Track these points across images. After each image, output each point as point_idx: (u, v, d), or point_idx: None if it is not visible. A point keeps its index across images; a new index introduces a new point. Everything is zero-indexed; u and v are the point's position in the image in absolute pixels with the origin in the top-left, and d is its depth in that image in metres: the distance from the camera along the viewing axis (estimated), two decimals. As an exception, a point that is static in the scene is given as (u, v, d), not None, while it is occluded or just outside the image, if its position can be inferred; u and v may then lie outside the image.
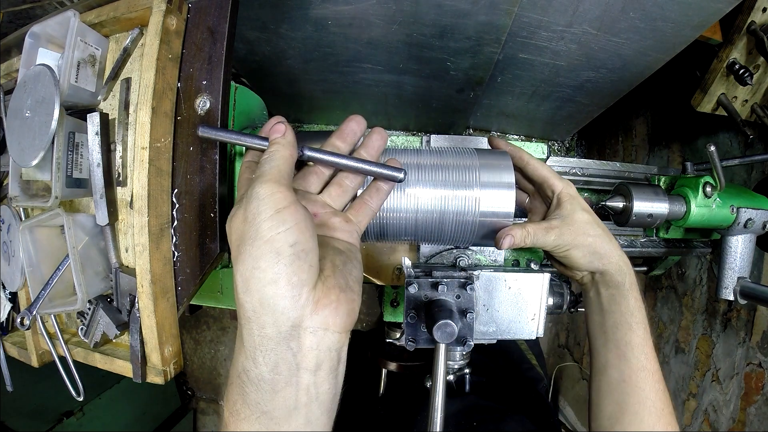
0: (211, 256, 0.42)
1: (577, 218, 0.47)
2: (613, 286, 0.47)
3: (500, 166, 0.46)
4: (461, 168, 0.46)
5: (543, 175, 0.49)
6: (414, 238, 0.48)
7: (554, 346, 2.06)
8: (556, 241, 0.46)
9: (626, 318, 0.46)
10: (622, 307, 0.47)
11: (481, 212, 0.45)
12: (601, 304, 0.49)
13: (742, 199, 0.66)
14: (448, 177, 0.45)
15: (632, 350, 0.46)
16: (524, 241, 0.46)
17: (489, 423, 0.67)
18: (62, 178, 0.42)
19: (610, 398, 0.47)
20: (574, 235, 0.46)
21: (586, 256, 0.47)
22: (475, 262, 0.58)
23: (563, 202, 0.48)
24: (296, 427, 0.29)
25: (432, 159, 0.46)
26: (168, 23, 0.40)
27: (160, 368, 0.40)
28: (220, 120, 0.41)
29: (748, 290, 0.67)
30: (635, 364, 0.46)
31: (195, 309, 0.83)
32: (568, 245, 0.46)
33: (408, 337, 0.46)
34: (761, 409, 0.96)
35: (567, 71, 0.66)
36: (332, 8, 0.52)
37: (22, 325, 0.45)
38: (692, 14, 0.51)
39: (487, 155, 0.47)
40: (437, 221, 0.46)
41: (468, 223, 0.46)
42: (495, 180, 0.45)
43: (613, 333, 0.47)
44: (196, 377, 2.73)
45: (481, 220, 0.46)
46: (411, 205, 0.45)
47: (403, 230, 0.47)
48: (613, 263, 0.47)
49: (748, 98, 0.78)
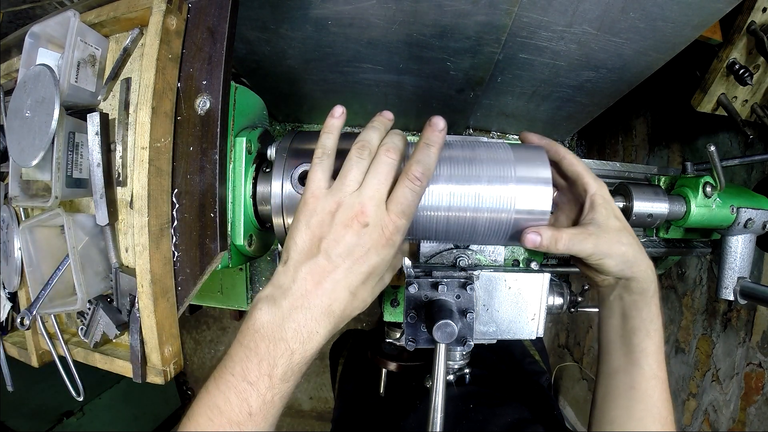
0: (211, 256, 0.42)
1: (611, 225, 0.45)
2: (638, 292, 0.46)
3: (536, 160, 0.44)
4: (495, 162, 0.43)
5: (578, 172, 0.47)
6: (444, 238, 0.46)
7: (554, 346, 2.06)
8: (592, 249, 0.44)
9: (645, 324, 0.46)
10: (644, 314, 0.46)
11: (516, 210, 0.43)
12: (622, 309, 0.48)
13: (742, 199, 0.66)
14: (482, 172, 0.42)
15: (646, 357, 0.46)
16: (556, 245, 0.43)
17: (484, 407, 0.67)
18: (62, 178, 0.42)
19: (616, 403, 0.47)
20: (609, 244, 0.44)
21: (618, 264, 0.45)
22: (475, 262, 0.58)
23: (597, 206, 0.46)
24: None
25: (464, 152, 0.44)
26: (168, 23, 0.40)
27: (160, 368, 0.40)
28: (220, 120, 0.41)
29: (748, 290, 0.67)
30: (648, 372, 0.46)
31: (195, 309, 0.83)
32: (604, 254, 0.44)
33: (408, 337, 0.46)
34: (761, 409, 0.96)
35: (567, 71, 0.66)
36: (332, 8, 0.52)
37: (22, 325, 0.45)
38: (692, 14, 0.51)
39: (520, 149, 0.45)
40: (470, 221, 0.43)
41: (502, 222, 0.43)
42: (531, 175, 0.43)
43: (630, 338, 0.47)
44: (196, 377, 2.73)
45: (516, 218, 0.43)
46: (443, 202, 0.42)
47: (432, 230, 0.44)
48: (642, 270, 0.45)
49: (748, 98, 0.78)
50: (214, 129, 0.42)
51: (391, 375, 0.82)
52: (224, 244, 0.42)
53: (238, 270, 0.69)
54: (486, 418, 0.65)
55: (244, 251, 0.50)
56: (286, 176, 0.47)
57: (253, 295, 0.71)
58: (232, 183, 0.47)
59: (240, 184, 0.48)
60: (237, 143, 0.47)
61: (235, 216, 0.48)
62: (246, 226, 0.49)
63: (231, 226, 0.47)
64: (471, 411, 0.67)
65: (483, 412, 0.66)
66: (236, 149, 0.47)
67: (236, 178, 0.48)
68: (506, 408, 0.66)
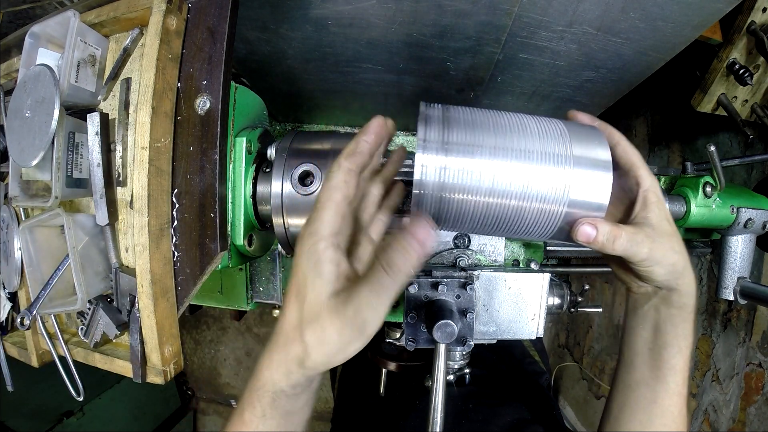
0: (211, 256, 0.42)
1: (664, 229, 0.40)
2: (678, 306, 0.42)
3: (594, 140, 0.35)
4: (547, 136, 0.34)
5: (632, 162, 0.41)
6: (480, 229, 0.37)
7: (554, 346, 2.06)
8: (647, 254, 0.38)
9: (678, 341, 0.43)
10: (679, 330, 0.43)
11: (569, 201, 0.34)
12: (656, 322, 0.44)
13: (742, 199, 0.66)
14: (533, 146, 0.34)
15: (674, 374, 0.43)
16: (613, 245, 0.37)
17: (484, 407, 0.67)
18: (62, 178, 0.42)
19: (634, 416, 0.46)
20: (663, 251, 0.39)
21: (666, 274, 0.40)
22: (475, 262, 0.58)
23: (650, 205, 0.40)
24: (304, 413, 0.38)
25: (511, 119, 0.35)
26: (168, 23, 0.40)
27: (160, 368, 0.40)
28: (220, 120, 0.41)
29: (748, 290, 0.67)
30: (673, 388, 0.44)
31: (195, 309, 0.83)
32: (656, 261, 0.39)
33: (408, 337, 0.46)
34: (761, 409, 0.96)
35: (567, 71, 0.65)
36: (332, 8, 0.51)
37: (22, 325, 0.45)
38: (692, 14, 0.51)
39: (573, 126, 0.37)
40: (514, 210, 0.34)
41: (551, 215, 0.35)
42: (590, 156, 0.34)
43: (659, 353, 0.44)
44: (196, 377, 2.73)
45: (568, 211, 0.35)
46: (485, 183, 0.33)
47: (468, 218, 0.35)
48: (686, 283, 0.41)
49: (748, 98, 0.78)
50: (214, 129, 0.42)
51: (391, 375, 0.82)
52: (224, 244, 0.42)
53: (238, 270, 0.69)
54: (486, 418, 0.65)
55: (244, 251, 0.50)
56: (286, 176, 0.47)
57: (252, 295, 0.71)
58: (232, 183, 0.47)
59: (240, 184, 0.48)
60: (237, 143, 0.47)
61: (235, 216, 0.48)
62: (246, 226, 0.49)
63: (231, 226, 0.47)
64: (471, 411, 0.67)
65: (483, 412, 0.66)
66: (236, 149, 0.47)
67: (236, 178, 0.48)
68: (506, 408, 0.66)
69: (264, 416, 0.35)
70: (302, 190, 0.47)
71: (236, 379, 2.67)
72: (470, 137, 0.34)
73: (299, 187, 0.47)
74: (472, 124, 0.34)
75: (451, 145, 0.33)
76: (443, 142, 0.33)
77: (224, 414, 2.68)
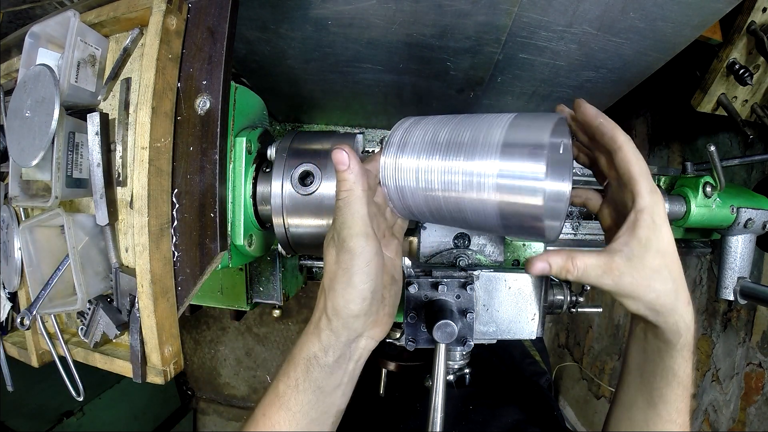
0: (211, 256, 0.42)
1: (648, 263, 0.35)
2: (663, 340, 0.39)
3: (535, 123, 0.32)
4: (488, 128, 0.34)
5: (631, 174, 0.36)
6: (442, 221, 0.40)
7: (554, 346, 2.06)
8: (613, 288, 0.35)
9: (666, 374, 0.40)
10: (666, 363, 0.39)
11: (497, 185, 0.32)
12: (644, 348, 0.41)
13: (742, 199, 0.66)
14: (468, 138, 0.34)
15: (665, 404, 0.41)
16: (567, 274, 0.35)
17: (484, 408, 0.67)
18: (62, 178, 0.42)
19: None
20: (634, 286, 0.35)
21: (641, 309, 0.37)
22: (475, 261, 0.58)
23: (640, 229, 0.35)
24: (335, 398, 0.41)
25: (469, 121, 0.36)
26: (168, 23, 0.40)
27: (160, 368, 0.40)
28: (220, 120, 0.41)
29: (748, 290, 0.67)
30: (665, 417, 0.41)
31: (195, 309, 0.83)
32: (626, 295, 0.36)
33: (408, 337, 0.46)
34: (761, 409, 0.96)
35: (567, 71, 0.66)
36: (332, 8, 0.52)
37: (22, 325, 0.45)
38: (692, 14, 0.51)
39: (536, 116, 0.34)
40: (454, 201, 0.36)
41: (486, 204, 0.34)
42: (518, 140, 0.32)
43: (649, 380, 0.41)
44: (196, 377, 2.73)
45: (500, 201, 0.33)
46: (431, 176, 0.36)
47: (425, 207, 0.39)
48: (669, 323, 0.37)
49: (748, 98, 0.78)
50: (214, 129, 0.42)
51: (390, 375, 0.82)
52: (224, 244, 0.42)
53: (238, 270, 0.69)
54: (486, 419, 0.65)
55: (244, 251, 0.50)
56: (286, 176, 0.47)
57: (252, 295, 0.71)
58: (232, 183, 0.47)
59: (240, 184, 0.48)
60: (237, 143, 0.47)
61: (235, 216, 0.48)
62: (246, 226, 0.49)
63: (231, 226, 0.47)
64: (471, 412, 0.67)
65: (483, 413, 0.66)
66: (236, 149, 0.47)
67: (236, 178, 0.48)
68: (506, 409, 0.66)
69: (297, 387, 0.38)
70: (302, 190, 0.47)
71: (236, 379, 2.67)
72: (420, 143, 0.38)
73: (299, 187, 0.47)
74: (424, 131, 0.39)
75: (405, 148, 0.39)
76: (399, 146, 0.39)
77: (224, 414, 2.68)
